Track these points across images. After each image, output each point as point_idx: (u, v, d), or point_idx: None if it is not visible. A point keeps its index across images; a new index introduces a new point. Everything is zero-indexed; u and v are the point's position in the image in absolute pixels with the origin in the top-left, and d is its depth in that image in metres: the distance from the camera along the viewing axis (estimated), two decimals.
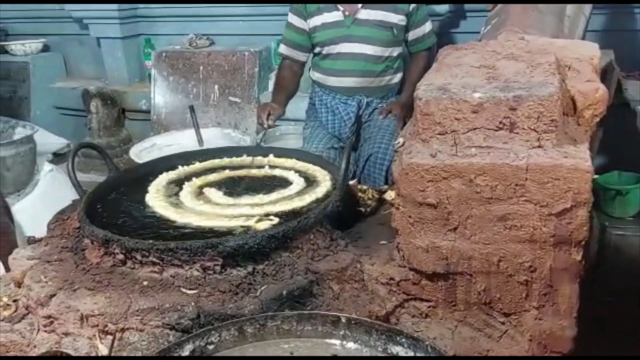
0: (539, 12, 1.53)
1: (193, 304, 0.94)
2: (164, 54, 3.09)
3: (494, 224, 1.04)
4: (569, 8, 1.62)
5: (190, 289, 0.97)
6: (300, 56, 2.13)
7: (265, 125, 2.02)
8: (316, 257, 1.12)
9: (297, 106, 2.35)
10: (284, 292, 1.01)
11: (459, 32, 2.62)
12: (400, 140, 1.18)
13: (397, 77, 2.14)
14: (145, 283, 0.99)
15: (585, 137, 1.15)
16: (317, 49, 2.08)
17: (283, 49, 2.14)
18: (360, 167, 1.94)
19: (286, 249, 1.09)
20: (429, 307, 1.14)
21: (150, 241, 1.01)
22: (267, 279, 1.04)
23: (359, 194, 1.38)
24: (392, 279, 1.14)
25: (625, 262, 2.09)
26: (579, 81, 1.20)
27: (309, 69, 2.19)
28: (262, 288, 1.01)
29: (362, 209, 1.34)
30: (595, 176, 2.47)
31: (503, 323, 1.11)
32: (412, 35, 2.12)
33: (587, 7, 1.79)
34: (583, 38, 1.74)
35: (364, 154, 1.95)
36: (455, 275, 1.10)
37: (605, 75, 2.13)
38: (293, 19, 2.10)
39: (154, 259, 0.99)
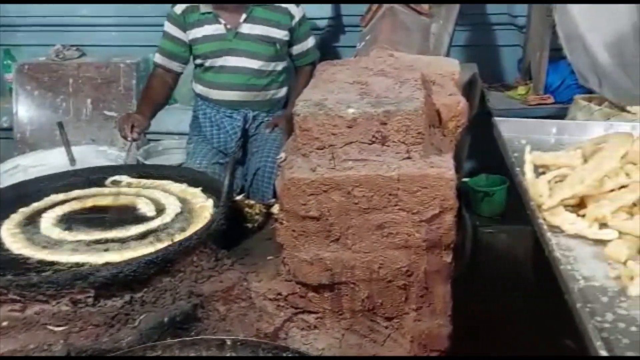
0: (407, 30, 1.64)
1: (62, 341, 0.87)
2: (26, 66, 2.86)
3: (372, 232, 1.08)
4: (434, 26, 1.75)
5: (58, 326, 0.90)
6: (175, 66, 2.07)
7: (129, 139, 1.91)
8: (200, 278, 1.09)
9: (180, 119, 2.29)
10: (166, 319, 0.97)
11: (339, 46, 2.73)
12: (283, 155, 1.19)
13: (283, 91, 2.17)
14: (4, 324, 0.89)
15: (450, 146, 1.25)
16: (198, 61, 2.05)
17: (158, 57, 2.07)
18: (248, 182, 1.94)
19: (167, 273, 1.05)
20: (317, 318, 1.16)
21: (9, 277, 0.92)
22: (147, 306, 0.99)
23: (246, 209, 1.37)
24: (279, 294, 1.14)
25: (496, 257, 2.30)
26: (443, 95, 1.29)
27: (191, 82, 2.15)
28: (141, 317, 0.96)
29: (250, 225, 1.33)
30: (466, 179, 2.69)
31: (386, 327, 1.16)
32: (295, 50, 2.16)
33: (450, 25, 1.94)
34: (447, 53, 1.88)
35: (251, 168, 1.95)
36: (340, 285, 1.13)
37: (469, 87, 2.33)
38: (170, 28, 2.04)
39: (14, 296, 0.90)
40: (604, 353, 0.55)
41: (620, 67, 2.43)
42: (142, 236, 1.13)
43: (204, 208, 1.24)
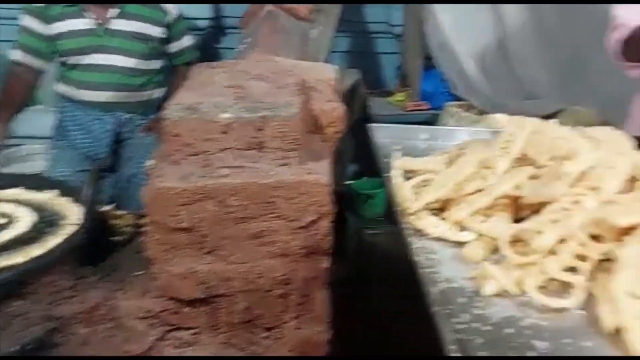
0: (286, 34, 1.63)
1: None
2: None
3: (248, 242, 1.05)
4: (313, 32, 1.77)
5: None
6: (37, 64, 1.88)
7: None
8: (58, 300, 0.99)
9: (44, 122, 2.08)
10: (15, 349, 0.87)
11: (221, 48, 2.66)
12: (152, 162, 1.12)
13: (160, 92, 2.06)
14: None
15: (328, 152, 1.26)
16: (62, 58, 1.87)
17: (17, 54, 1.86)
18: (120, 190, 1.81)
19: (18, 296, 0.94)
20: (192, 334, 1.11)
21: None
22: None
23: (114, 220, 1.28)
24: (150, 311, 1.07)
25: (379, 257, 2.38)
26: (322, 101, 1.30)
27: (55, 81, 1.96)
28: None
29: (118, 238, 1.24)
30: (351, 182, 2.75)
31: (266, 338, 1.14)
32: (171, 48, 2.06)
33: (330, 31, 1.98)
34: (327, 59, 1.91)
35: (124, 175, 1.82)
36: (216, 298, 1.09)
37: (352, 93, 2.39)
38: (29, 21, 1.84)
39: None
40: (457, 354, 0.57)
41: (484, 76, 2.64)
42: None
43: (64, 220, 1.12)
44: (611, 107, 2.35)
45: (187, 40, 2.10)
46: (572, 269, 0.74)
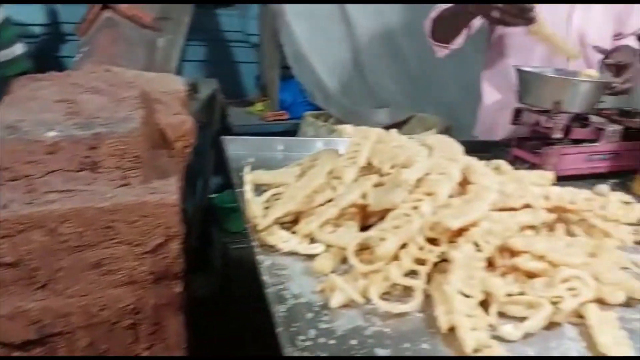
0: (129, 43, 1.53)
1: None
2: None
3: (87, 272, 0.96)
4: (161, 41, 1.68)
5: None
6: None
7: None
8: None
9: None
10: None
11: (62, 57, 2.44)
12: None
13: None
14: None
15: (178, 168, 1.19)
16: None
17: None
18: None
19: None
20: None
21: None
22: None
23: None
24: None
25: (246, 271, 2.34)
26: (168, 115, 1.23)
27: None
28: None
29: None
30: (214, 196, 2.68)
31: None
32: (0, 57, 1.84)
33: (180, 40, 1.90)
34: (179, 69, 1.84)
35: None
36: (53, 337, 0.97)
37: (210, 103, 2.32)
38: None
39: None
40: None
41: (340, 86, 2.74)
42: None
43: None
44: (452, 114, 2.58)
45: (18, 49, 1.88)
46: (413, 273, 0.77)
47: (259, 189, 1.04)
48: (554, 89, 1.23)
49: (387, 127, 1.22)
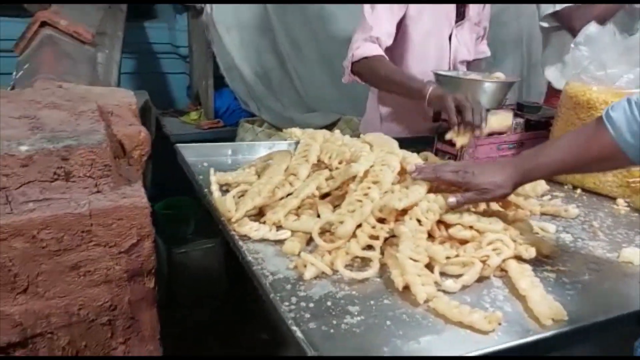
0: (72, 60, 1.57)
1: None
2: None
3: (66, 275, 1.02)
4: (100, 56, 1.73)
5: None
6: None
7: None
8: None
9: None
10: None
11: None
12: None
13: None
14: None
15: (138, 175, 1.27)
16: None
17: None
18: None
19: None
20: None
21: None
22: None
23: None
24: None
25: (191, 274, 2.40)
26: (123, 126, 1.30)
27: None
28: None
29: None
30: (153, 205, 2.70)
31: None
32: None
33: (117, 54, 1.95)
34: (118, 82, 1.88)
35: None
36: (35, 338, 1.02)
37: (144, 114, 2.37)
38: None
39: None
40: (295, 328, 0.68)
41: (271, 93, 2.87)
42: None
43: None
44: None
45: None
46: (369, 247, 0.92)
47: (220, 189, 1.14)
48: (466, 90, 1.43)
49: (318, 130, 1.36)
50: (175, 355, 1.20)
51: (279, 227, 0.99)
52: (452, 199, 0.95)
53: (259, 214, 1.04)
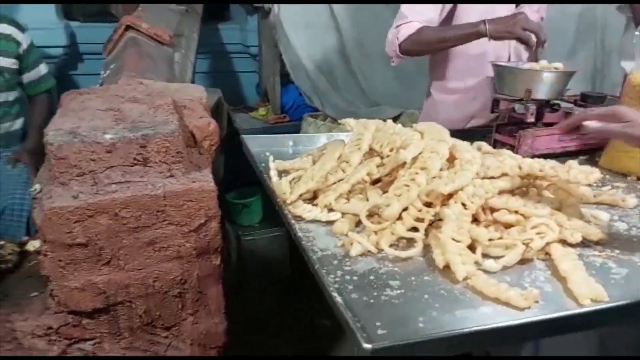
0: (152, 59, 1.72)
1: None
2: None
3: (144, 250, 1.15)
4: (177, 56, 1.88)
5: None
6: None
7: None
8: None
9: None
10: None
11: (77, 74, 2.63)
12: (37, 186, 1.16)
13: (19, 123, 2.02)
14: None
15: (207, 163, 1.38)
16: None
17: None
18: None
19: None
20: (94, 344, 1.16)
21: None
22: None
23: None
24: (50, 328, 1.11)
25: (258, 261, 2.53)
26: (194, 118, 1.43)
27: None
28: None
29: (3, 266, 1.24)
30: (224, 194, 2.87)
31: (166, 337, 1.23)
32: (27, 78, 2.03)
33: (192, 54, 2.10)
34: (192, 80, 2.03)
35: None
36: (116, 305, 1.16)
37: (216, 110, 2.53)
38: None
39: None
40: (335, 295, 0.75)
41: (334, 89, 2.95)
42: None
43: None
44: None
45: (42, 69, 2.08)
46: (414, 229, 0.97)
47: (279, 175, 1.23)
48: (525, 80, 1.43)
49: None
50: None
51: (330, 210, 1.06)
52: (590, 123, 0.92)
53: (312, 198, 1.11)
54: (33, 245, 1.30)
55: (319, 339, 2.00)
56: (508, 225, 0.98)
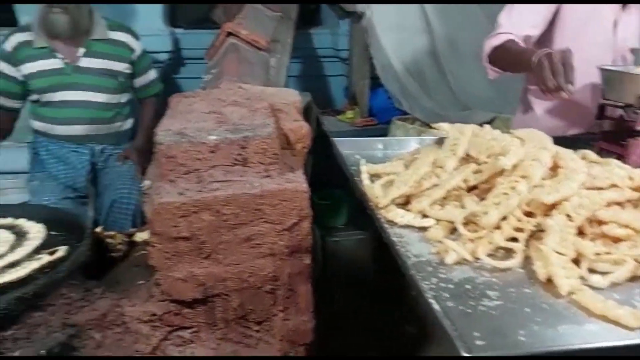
0: (249, 63, 1.80)
1: None
2: None
3: (241, 245, 1.20)
4: (272, 61, 1.95)
5: None
6: (8, 103, 1.99)
7: None
8: (72, 310, 1.10)
9: (14, 157, 2.15)
10: (43, 352, 0.97)
11: (180, 78, 2.80)
12: (147, 182, 1.25)
13: (129, 123, 2.18)
14: None
15: (300, 164, 1.42)
16: (34, 97, 1.98)
17: None
18: (103, 215, 1.91)
19: (37, 308, 1.04)
20: (192, 333, 1.23)
21: None
22: (20, 342, 0.98)
23: (108, 240, 1.39)
24: (154, 314, 1.19)
25: (343, 264, 2.55)
26: (289, 121, 1.47)
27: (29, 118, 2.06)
28: (16, 353, 0.95)
29: (114, 255, 1.35)
30: (312, 194, 2.91)
31: (258, 331, 1.28)
32: (138, 82, 2.20)
33: (286, 59, 2.16)
34: (286, 84, 2.10)
35: (106, 201, 1.93)
36: (213, 297, 1.22)
37: (307, 113, 2.58)
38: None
39: None
40: (433, 302, 0.74)
41: (424, 92, 2.91)
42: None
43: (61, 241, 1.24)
44: None
45: (152, 74, 2.24)
46: (513, 239, 0.94)
47: (370, 179, 1.24)
48: (637, 85, 1.34)
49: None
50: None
51: (424, 216, 1.05)
52: None
53: (405, 203, 1.11)
54: (140, 236, 1.40)
55: (403, 345, 1.98)
56: (617, 240, 0.92)
